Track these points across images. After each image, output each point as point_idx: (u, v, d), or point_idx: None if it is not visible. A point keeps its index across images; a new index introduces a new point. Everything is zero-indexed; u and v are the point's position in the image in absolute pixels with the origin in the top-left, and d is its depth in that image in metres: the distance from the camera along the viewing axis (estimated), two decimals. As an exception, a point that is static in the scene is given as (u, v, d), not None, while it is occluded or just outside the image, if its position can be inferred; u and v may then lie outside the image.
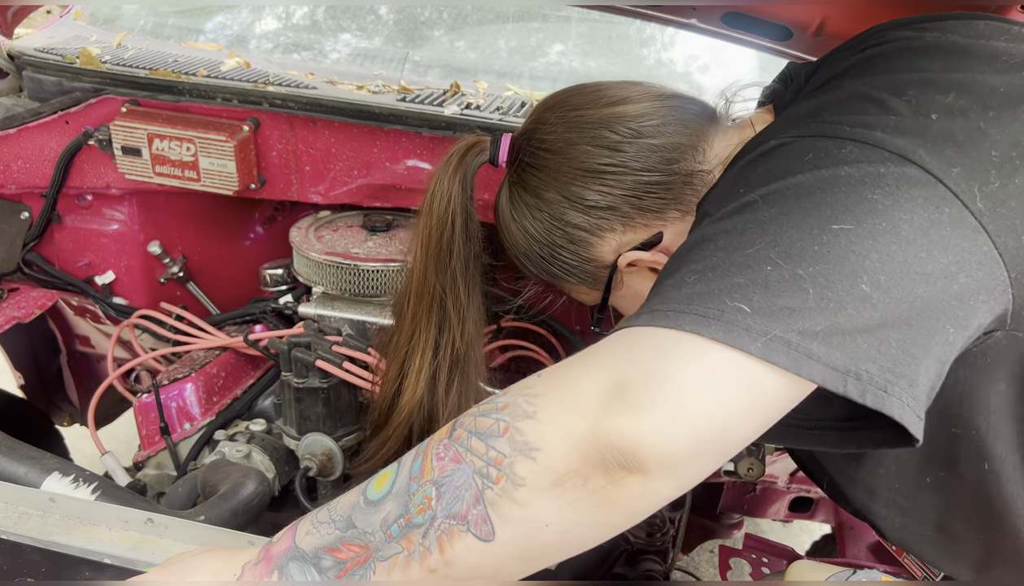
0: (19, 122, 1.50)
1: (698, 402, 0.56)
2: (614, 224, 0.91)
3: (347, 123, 1.44)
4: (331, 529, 0.67)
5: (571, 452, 0.58)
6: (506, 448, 0.60)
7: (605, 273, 0.95)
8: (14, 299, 1.56)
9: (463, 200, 0.99)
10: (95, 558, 0.86)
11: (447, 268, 1.01)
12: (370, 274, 1.40)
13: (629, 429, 0.56)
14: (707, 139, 0.90)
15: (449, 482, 0.61)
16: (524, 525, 0.59)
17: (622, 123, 0.89)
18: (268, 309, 1.54)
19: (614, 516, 0.60)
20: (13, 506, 0.92)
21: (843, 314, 0.58)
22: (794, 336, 0.57)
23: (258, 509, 1.11)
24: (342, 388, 1.29)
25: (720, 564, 1.46)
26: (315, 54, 1.84)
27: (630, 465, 0.56)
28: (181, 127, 1.42)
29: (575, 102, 0.93)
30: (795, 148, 0.68)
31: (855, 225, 0.60)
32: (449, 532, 0.61)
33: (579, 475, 0.58)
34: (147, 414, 1.37)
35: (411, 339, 1.07)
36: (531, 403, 0.61)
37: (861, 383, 0.58)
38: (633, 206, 0.89)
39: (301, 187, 1.52)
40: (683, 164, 0.88)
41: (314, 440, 1.29)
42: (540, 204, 0.94)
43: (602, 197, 0.90)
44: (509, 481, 0.59)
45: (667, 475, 0.57)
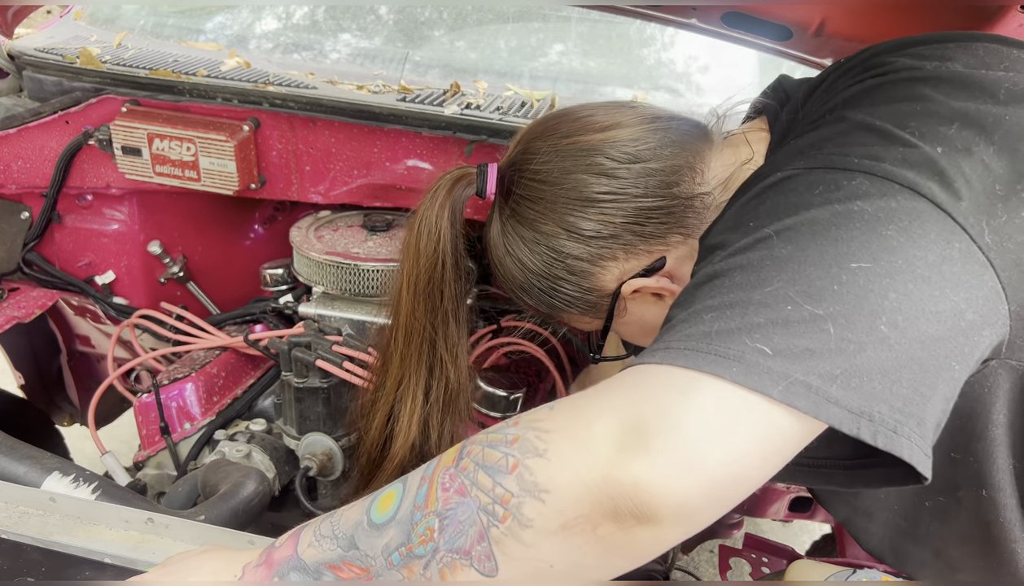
0: (19, 122, 1.50)
1: (716, 449, 0.55)
2: (615, 252, 0.88)
3: (347, 123, 1.44)
4: (333, 545, 0.66)
5: (582, 497, 0.56)
6: (514, 487, 0.58)
7: (607, 302, 0.92)
8: (14, 299, 1.56)
9: (452, 236, 0.95)
10: (95, 558, 0.86)
11: (437, 309, 0.98)
12: (370, 274, 1.40)
13: (644, 477, 0.54)
14: (704, 159, 0.87)
15: (453, 516, 0.60)
16: (529, 565, 0.59)
17: (616, 148, 0.86)
18: (268, 309, 1.54)
19: (621, 561, 0.59)
20: (13, 506, 0.92)
21: (862, 356, 0.57)
22: (815, 379, 0.56)
23: (258, 509, 1.11)
24: (342, 388, 1.29)
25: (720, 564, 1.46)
26: (315, 54, 1.84)
27: (642, 515, 0.55)
28: (181, 127, 1.42)
29: (565, 129, 0.90)
30: (804, 180, 0.67)
31: (873, 263, 0.59)
32: (451, 565, 0.60)
33: (589, 521, 0.56)
34: (147, 414, 1.37)
35: (400, 384, 1.03)
36: (542, 440, 0.59)
37: (873, 424, 0.57)
38: (634, 233, 0.86)
39: (301, 187, 1.52)
40: (683, 187, 0.85)
41: (314, 440, 1.29)
42: (537, 237, 0.90)
43: (602, 226, 0.86)
44: (516, 521, 0.58)
45: (678, 524, 0.56)
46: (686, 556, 2.38)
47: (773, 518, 2.08)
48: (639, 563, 0.59)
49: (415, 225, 0.96)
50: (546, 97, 1.63)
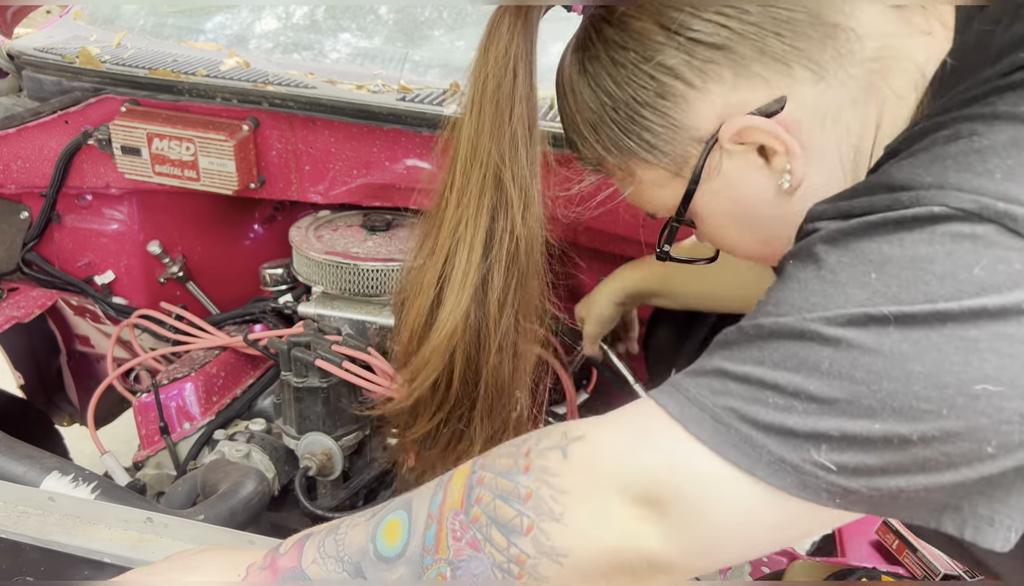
0: (19, 122, 1.50)
1: (735, 545, 0.56)
2: (723, 71, 0.64)
3: (347, 123, 1.44)
4: (339, 568, 0.66)
5: (600, 560, 0.57)
6: (530, 549, 0.58)
7: (697, 152, 0.69)
8: (14, 299, 1.56)
9: (527, 47, 0.78)
10: (94, 557, 0.86)
11: (506, 130, 0.78)
12: (370, 274, 1.40)
13: (661, 555, 0.56)
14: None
15: (466, 567, 0.61)
16: None
17: None
18: (268, 309, 1.54)
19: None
20: (12, 505, 0.92)
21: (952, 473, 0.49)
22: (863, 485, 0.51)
23: (257, 508, 1.11)
24: (342, 388, 1.29)
25: (720, 564, 1.46)
26: (315, 54, 1.84)
27: (655, 569, 0.57)
28: (181, 127, 1.42)
29: None
30: (967, 231, 0.49)
31: (1006, 387, 0.47)
32: None
33: (605, 576, 0.58)
34: (147, 414, 1.37)
35: (456, 230, 0.82)
36: (558, 502, 0.58)
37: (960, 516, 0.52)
38: (753, 47, 0.63)
39: (301, 187, 1.52)
40: (830, 11, 0.62)
41: (314, 440, 1.29)
42: (626, 40, 0.68)
43: (715, 29, 0.64)
44: (532, 578, 0.59)
45: (691, 573, 0.58)
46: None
47: (773, 518, 2.08)
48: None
49: (485, 33, 0.79)
50: (546, 97, 1.63)
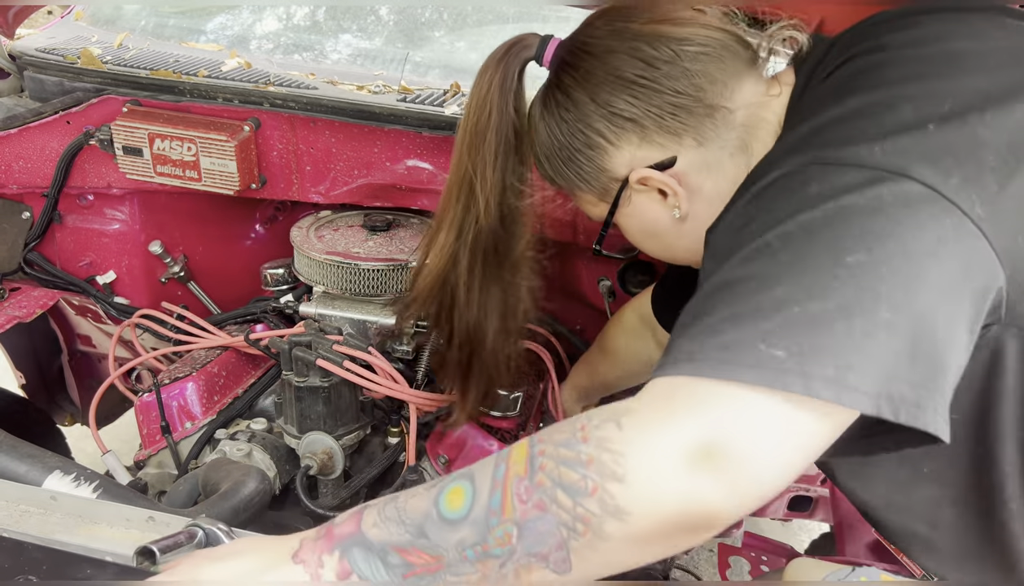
0: (20, 122, 1.51)
1: (770, 467, 0.62)
2: (632, 137, 0.92)
3: (347, 123, 1.44)
4: (401, 530, 0.69)
5: (663, 520, 0.63)
6: (596, 508, 0.63)
7: (616, 187, 0.97)
8: (15, 299, 1.56)
9: (502, 93, 1.00)
10: (96, 556, 0.86)
11: (478, 151, 1.03)
12: (371, 273, 1.40)
13: (718, 503, 0.62)
14: (740, 80, 0.91)
15: (533, 527, 0.65)
16: (602, 564, 0.65)
17: (663, 43, 0.90)
18: (269, 308, 1.54)
19: (681, 550, 0.68)
20: (15, 504, 0.92)
21: (871, 343, 0.62)
22: (831, 371, 0.61)
23: (259, 507, 1.12)
24: (343, 387, 1.29)
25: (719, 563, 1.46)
26: (316, 54, 1.84)
27: (712, 526, 0.63)
28: (182, 127, 1.42)
29: (625, 13, 0.95)
30: (798, 179, 0.71)
31: (866, 255, 0.63)
32: (527, 566, 0.65)
33: (665, 535, 0.64)
34: (148, 413, 1.38)
35: (442, 216, 1.10)
36: (619, 464, 0.63)
37: (893, 403, 0.62)
38: (654, 122, 0.91)
39: (302, 187, 1.53)
40: (710, 95, 0.90)
41: (315, 439, 1.29)
42: (568, 104, 0.95)
43: (627, 106, 0.91)
44: (596, 536, 0.63)
45: (743, 511, 0.64)
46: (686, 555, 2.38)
47: (772, 517, 2.08)
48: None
49: (479, 72, 1.03)
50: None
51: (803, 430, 0.63)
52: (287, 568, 0.72)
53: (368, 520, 0.71)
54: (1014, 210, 0.67)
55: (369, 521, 0.71)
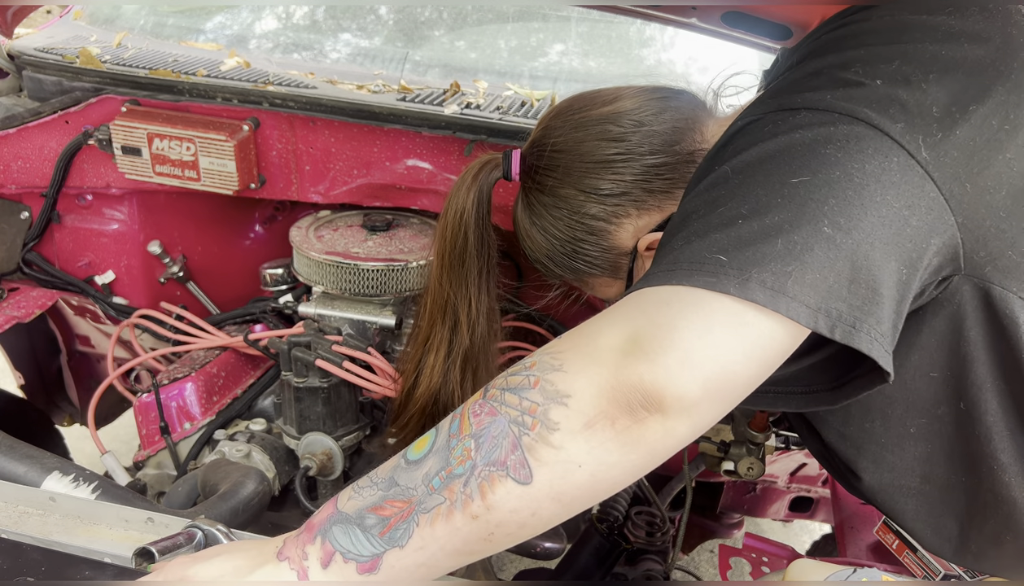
0: (19, 122, 1.50)
1: (701, 346, 0.63)
2: (628, 209, 0.98)
3: (347, 123, 1.44)
4: (373, 491, 0.70)
5: (599, 396, 0.64)
6: (538, 398, 0.65)
7: (626, 261, 1.01)
8: (14, 299, 1.56)
9: (477, 213, 1.07)
10: (95, 557, 0.86)
11: (460, 276, 1.10)
12: (370, 273, 1.40)
13: (647, 374, 0.62)
14: (703, 122, 0.98)
15: (487, 433, 0.66)
16: (559, 467, 0.65)
17: (623, 116, 0.98)
18: (268, 309, 1.54)
19: (640, 456, 0.65)
20: (13, 505, 0.92)
21: (810, 255, 0.65)
22: (768, 276, 0.64)
23: (258, 508, 1.11)
24: (342, 387, 1.29)
25: (720, 564, 1.46)
26: (315, 54, 1.84)
27: (650, 405, 0.63)
28: (181, 127, 1.42)
29: (576, 106, 1.02)
30: (758, 124, 0.75)
31: (811, 176, 0.67)
32: (490, 478, 0.65)
33: (607, 416, 0.64)
34: (147, 414, 1.37)
35: (427, 340, 1.16)
36: (557, 358, 0.67)
37: (830, 320, 0.65)
38: (644, 189, 0.97)
39: (301, 187, 1.52)
40: (684, 144, 0.96)
41: (314, 440, 1.29)
42: (558, 202, 1.00)
43: (615, 185, 0.97)
44: (544, 426, 0.65)
45: (683, 415, 0.64)
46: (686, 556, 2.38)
47: (773, 518, 2.08)
48: (656, 460, 0.66)
49: (445, 205, 1.09)
50: (546, 97, 1.63)
51: (744, 328, 0.64)
52: (272, 566, 0.72)
53: (343, 497, 0.72)
54: (960, 158, 0.70)
55: (344, 497, 0.72)
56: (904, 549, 1.22)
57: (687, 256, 0.67)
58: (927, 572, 1.16)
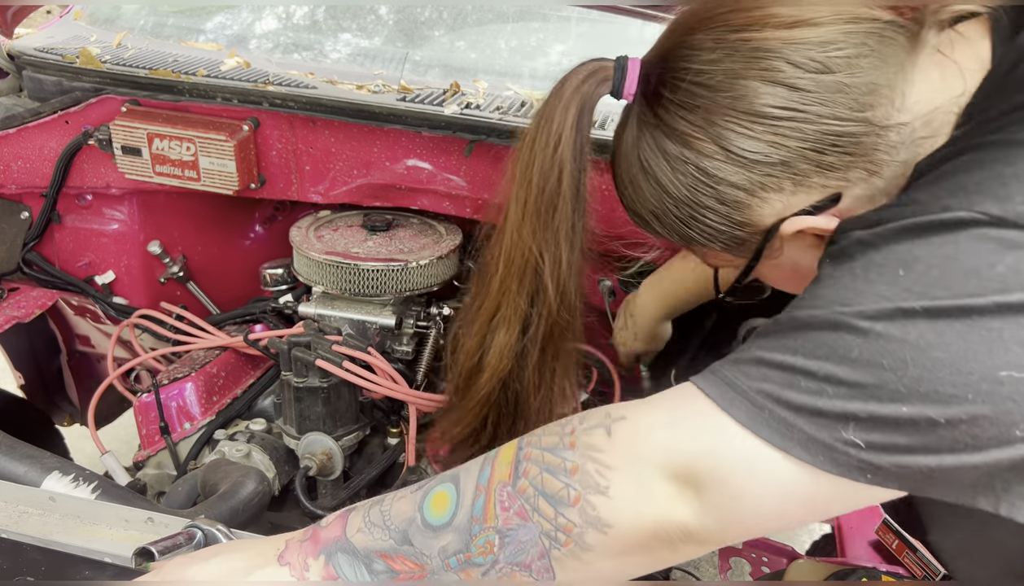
0: (19, 122, 1.50)
1: (769, 517, 0.61)
2: (783, 183, 0.71)
3: (347, 123, 1.44)
4: (385, 536, 0.69)
5: (641, 532, 0.63)
6: (576, 519, 0.63)
7: (758, 239, 0.76)
8: (14, 299, 1.56)
9: (576, 142, 0.80)
10: (95, 557, 0.86)
11: (548, 228, 0.82)
12: (370, 274, 1.40)
13: (697, 529, 0.62)
14: (907, 77, 0.68)
15: (514, 536, 0.64)
16: (584, 575, 0.65)
17: (802, 53, 0.67)
18: (268, 309, 1.54)
19: (666, 565, 0.65)
20: (13, 505, 0.92)
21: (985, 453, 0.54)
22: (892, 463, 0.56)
23: (258, 508, 1.11)
24: (342, 388, 1.29)
25: (720, 564, 1.46)
26: (315, 54, 1.84)
27: (691, 540, 0.62)
28: (181, 127, 1.42)
29: (737, 21, 0.70)
30: (980, 243, 0.54)
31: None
32: (510, 575, 0.65)
33: (645, 547, 0.63)
34: (147, 414, 1.37)
35: (495, 312, 0.90)
36: (603, 476, 0.63)
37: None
38: (810, 161, 0.69)
39: (301, 187, 1.52)
40: (879, 111, 0.67)
41: (314, 440, 1.29)
42: (686, 154, 0.73)
43: (772, 149, 0.69)
44: (577, 546, 0.63)
45: (730, 539, 0.64)
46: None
47: (773, 518, 2.07)
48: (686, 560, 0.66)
49: (534, 124, 0.82)
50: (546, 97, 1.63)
51: (823, 492, 0.59)
52: (272, 568, 0.72)
53: (353, 525, 0.71)
54: None
55: (354, 526, 0.71)
56: (904, 549, 1.22)
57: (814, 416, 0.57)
58: (927, 572, 1.16)
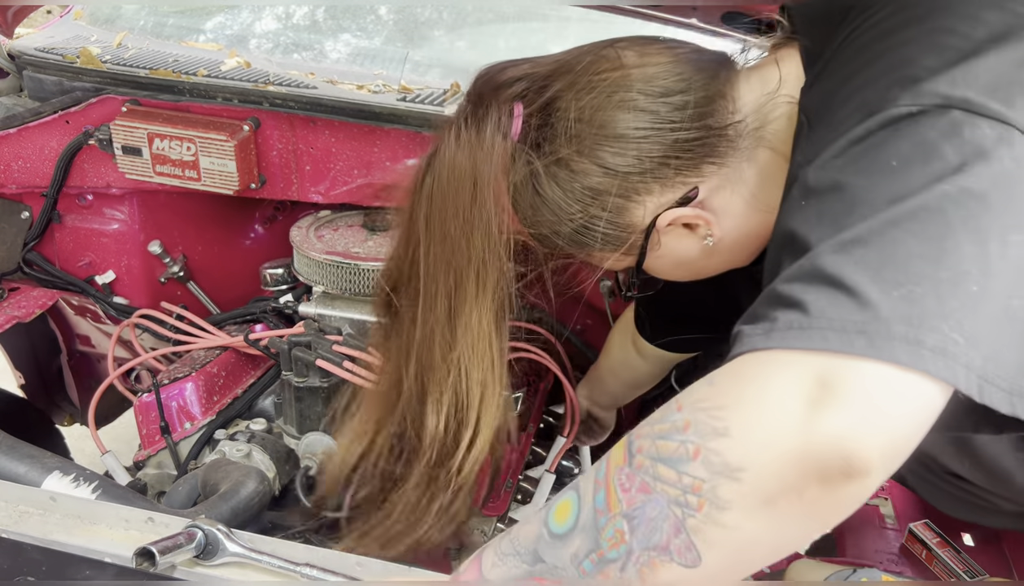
0: (20, 122, 1.50)
1: (899, 415, 0.54)
2: (651, 187, 0.85)
3: (347, 123, 1.44)
4: (518, 561, 0.65)
5: (783, 468, 0.53)
6: (702, 472, 0.55)
7: (641, 237, 0.90)
8: (14, 298, 1.56)
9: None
10: (96, 557, 0.85)
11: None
12: (370, 273, 1.40)
13: (847, 427, 0.52)
14: (734, 87, 0.85)
15: (642, 514, 0.58)
16: (733, 546, 0.56)
17: (648, 83, 0.83)
18: (268, 308, 1.53)
19: (828, 522, 0.56)
20: (13, 505, 0.92)
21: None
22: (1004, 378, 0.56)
23: (258, 508, 1.11)
24: (342, 387, 1.29)
25: (720, 563, 1.46)
26: (315, 54, 1.84)
27: (853, 470, 0.52)
28: (181, 127, 1.42)
29: (589, 63, 0.86)
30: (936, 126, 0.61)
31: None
32: (650, 563, 0.58)
33: (794, 489, 0.53)
34: (147, 413, 1.37)
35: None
36: (718, 419, 0.56)
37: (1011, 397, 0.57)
38: (670, 166, 0.84)
39: (301, 187, 1.52)
40: (716, 118, 0.84)
41: (314, 439, 1.29)
42: (571, 176, 0.86)
43: (638, 162, 0.84)
44: (713, 506, 0.55)
45: (889, 465, 0.54)
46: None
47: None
48: (847, 515, 0.56)
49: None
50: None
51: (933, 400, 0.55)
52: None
53: (487, 562, 0.68)
54: None
55: (488, 563, 0.68)
56: (932, 559, 1.22)
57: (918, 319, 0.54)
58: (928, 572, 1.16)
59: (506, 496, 1.30)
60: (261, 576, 0.82)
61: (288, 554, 0.83)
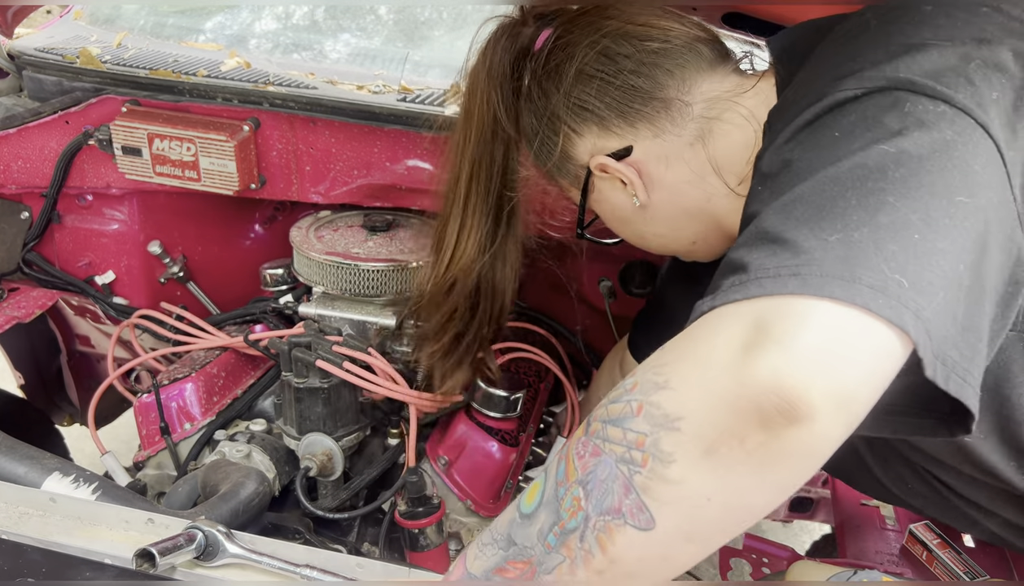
0: (19, 122, 1.50)
1: (849, 351, 0.52)
2: (592, 126, 0.95)
3: (347, 123, 1.44)
4: (495, 549, 0.65)
5: (718, 411, 0.52)
6: (644, 426, 0.55)
7: (583, 174, 1.00)
8: (14, 299, 1.56)
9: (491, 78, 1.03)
10: (96, 558, 0.85)
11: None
12: (370, 274, 1.40)
13: (783, 365, 0.50)
14: (699, 76, 0.92)
15: (594, 478, 0.57)
16: (684, 504, 0.54)
17: (626, 40, 0.93)
18: (268, 309, 1.53)
19: (782, 473, 0.53)
20: (13, 506, 0.92)
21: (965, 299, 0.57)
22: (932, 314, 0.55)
23: (258, 509, 1.11)
24: (342, 388, 1.29)
25: (720, 564, 1.46)
26: (315, 54, 1.84)
27: (791, 411, 0.50)
28: (181, 127, 1.42)
29: (604, 12, 0.97)
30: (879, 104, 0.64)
31: (970, 199, 0.58)
32: (606, 529, 0.57)
33: (733, 435, 0.52)
34: (147, 414, 1.37)
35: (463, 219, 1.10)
36: (660, 373, 0.56)
37: (946, 369, 0.55)
38: (613, 113, 0.94)
39: (301, 187, 1.52)
40: (666, 89, 0.91)
41: (314, 440, 1.28)
42: (541, 94, 0.99)
43: (588, 98, 0.94)
44: (656, 460, 0.54)
45: (839, 411, 0.51)
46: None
47: (773, 518, 2.08)
48: (805, 474, 0.54)
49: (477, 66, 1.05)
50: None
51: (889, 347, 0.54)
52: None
53: (471, 555, 0.69)
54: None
55: (471, 555, 0.68)
56: (933, 560, 1.22)
57: (856, 261, 0.54)
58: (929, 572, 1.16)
59: (506, 497, 1.30)
60: (261, 577, 0.82)
61: (288, 555, 0.83)
